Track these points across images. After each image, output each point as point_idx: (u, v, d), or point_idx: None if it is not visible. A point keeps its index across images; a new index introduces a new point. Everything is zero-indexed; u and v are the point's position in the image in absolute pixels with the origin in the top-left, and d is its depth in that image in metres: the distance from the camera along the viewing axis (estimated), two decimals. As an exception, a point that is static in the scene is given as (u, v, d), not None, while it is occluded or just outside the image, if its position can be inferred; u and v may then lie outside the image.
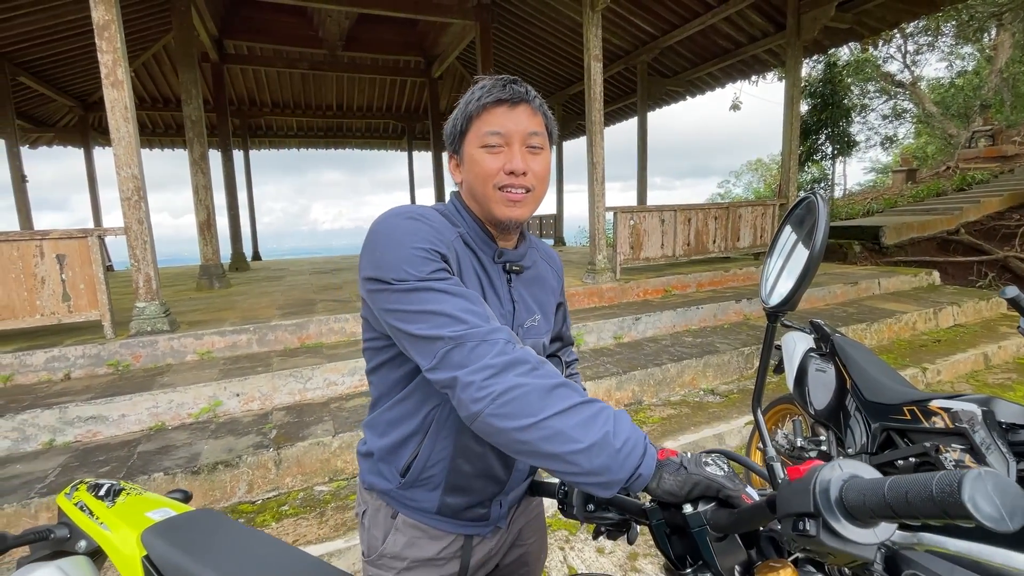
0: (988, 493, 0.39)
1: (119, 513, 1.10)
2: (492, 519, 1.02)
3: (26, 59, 8.49)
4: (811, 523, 0.51)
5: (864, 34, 7.58)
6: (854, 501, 0.48)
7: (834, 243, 10.18)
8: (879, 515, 0.46)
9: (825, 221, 0.65)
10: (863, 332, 5.02)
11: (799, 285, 0.68)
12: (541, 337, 1.04)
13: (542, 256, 1.11)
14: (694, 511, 0.73)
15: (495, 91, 0.88)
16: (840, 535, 0.49)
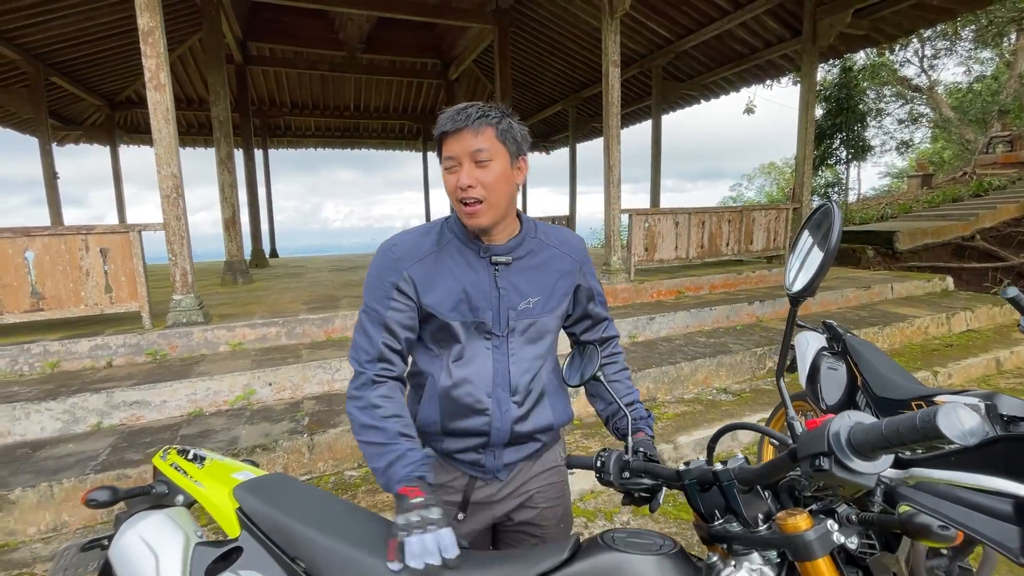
0: (955, 421, 0.53)
1: (209, 473, 1.25)
2: (489, 468, 1.23)
3: (59, 60, 8.79)
4: (825, 460, 0.64)
5: (880, 40, 7.63)
6: (859, 440, 0.61)
7: (847, 248, 10.20)
8: (879, 448, 0.60)
9: (839, 223, 0.80)
10: (875, 335, 5.09)
11: (817, 275, 0.82)
12: (539, 316, 1.20)
13: (552, 243, 1.24)
14: (724, 468, 0.86)
15: (444, 124, 1.08)
16: (848, 467, 0.63)
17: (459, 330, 1.16)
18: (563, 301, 1.24)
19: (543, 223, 1.30)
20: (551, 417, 1.24)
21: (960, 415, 0.54)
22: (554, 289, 1.22)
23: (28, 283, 3.78)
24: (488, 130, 1.06)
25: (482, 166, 1.07)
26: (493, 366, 1.18)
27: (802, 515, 0.77)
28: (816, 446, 0.66)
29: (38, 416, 3.10)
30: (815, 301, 5.91)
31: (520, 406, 1.19)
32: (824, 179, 18.26)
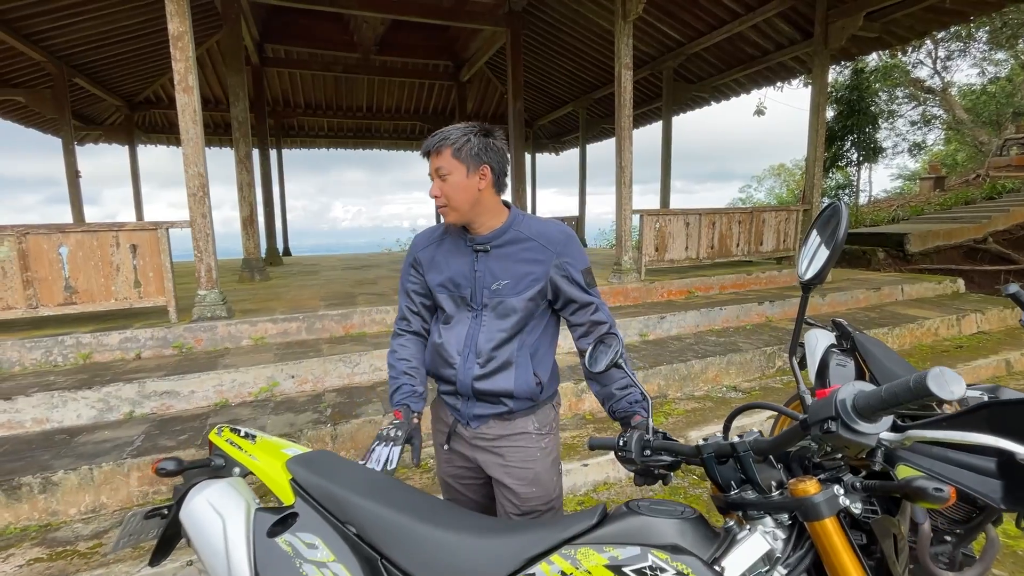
0: (942, 381, 0.62)
1: (261, 448, 1.37)
2: (463, 414, 1.52)
3: (82, 62, 9.01)
4: (833, 423, 0.74)
5: (893, 43, 7.64)
6: (862, 404, 0.71)
7: (857, 250, 10.20)
8: (879, 410, 0.69)
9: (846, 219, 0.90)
10: (884, 336, 5.14)
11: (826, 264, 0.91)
12: (507, 296, 1.44)
13: (532, 235, 1.46)
14: (740, 439, 0.96)
15: (423, 148, 1.43)
16: (853, 429, 0.72)
17: (446, 301, 1.51)
18: (533, 286, 1.44)
19: (532, 218, 1.52)
20: (511, 384, 1.45)
21: (947, 377, 0.63)
22: (523, 275, 1.44)
23: (62, 277, 3.93)
24: (446, 151, 1.37)
25: (444, 178, 1.39)
26: (467, 332, 1.48)
27: (811, 481, 0.87)
28: (825, 411, 0.76)
29: (74, 404, 3.24)
30: (824, 302, 5.96)
31: (481, 367, 1.45)
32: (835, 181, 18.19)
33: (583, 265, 1.49)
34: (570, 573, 0.95)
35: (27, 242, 3.81)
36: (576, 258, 1.48)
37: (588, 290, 1.48)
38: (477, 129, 1.39)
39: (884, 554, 0.88)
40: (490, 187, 1.42)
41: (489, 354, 1.44)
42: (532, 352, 1.49)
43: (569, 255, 1.46)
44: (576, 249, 1.49)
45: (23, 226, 3.81)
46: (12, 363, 3.72)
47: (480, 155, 1.38)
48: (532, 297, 1.44)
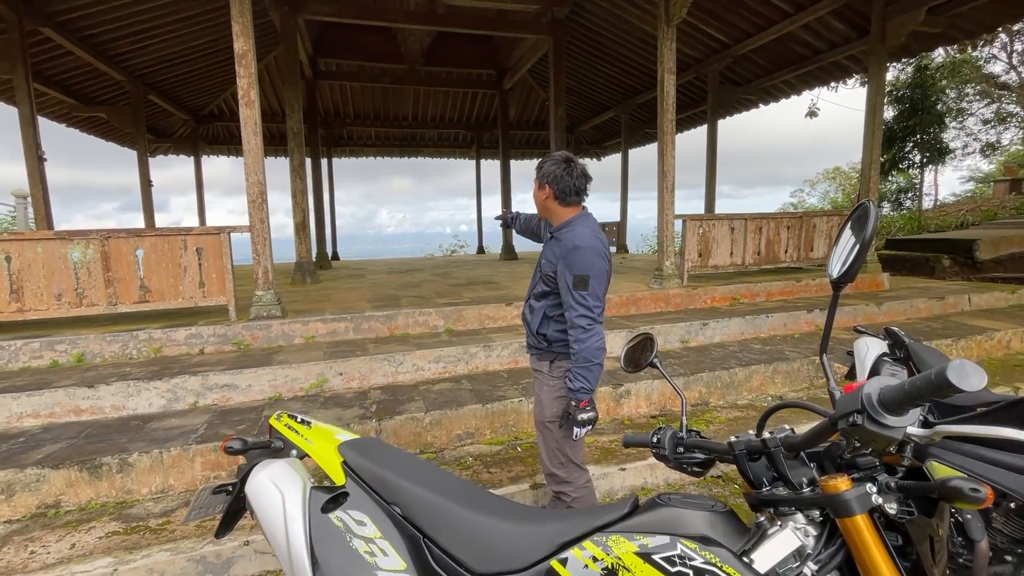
0: (963, 372, 0.63)
1: (317, 434, 1.48)
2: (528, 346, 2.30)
3: (155, 80, 9.78)
4: (859, 416, 0.75)
5: (959, 38, 7.21)
6: (888, 398, 0.72)
7: (920, 256, 9.62)
8: (904, 403, 0.70)
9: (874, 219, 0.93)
10: (948, 348, 4.84)
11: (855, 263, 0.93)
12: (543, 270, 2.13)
13: (561, 237, 2.05)
14: (771, 436, 0.98)
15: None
16: (879, 422, 0.73)
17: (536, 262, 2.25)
18: (550, 270, 2.07)
19: (574, 225, 2.06)
20: (534, 324, 2.16)
21: (967, 368, 0.64)
22: (548, 263, 2.09)
23: (137, 277, 4.29)
24: (537, 172, 2.14)
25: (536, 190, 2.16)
26: (533, 281, 2.26)
27: (843, 478, 0.87)
28: (852, 405, 0.77)
29: (147, 394, 3.53)
30: (880, 311, 5.67)
31: (527, 307, 2.25)
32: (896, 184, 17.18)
33: (577, 271, 1.96)
34: (601, 559, 1.00)
35: (109, 245, 4.19)
36: (572, 263, 1.97)
37: (571, 291, 1.97)
38: (552, 160, 2.07)
39: (920, 556, 0.87)
40: (552, 198, 2.08)
41: (531, 300, 2.22)
42: (546, 314, 2.13)
43: (568, 259, 1.98)
44: (576, 257, 1.96)
45: (106, 231, 4.20)
46: (94, 355, 4.09)
47: (543, 177, 2.08)
48: (548, 275, 2.09)
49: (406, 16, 8.37)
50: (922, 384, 0.68)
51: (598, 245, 2.01)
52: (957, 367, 0.65)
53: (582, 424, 1.95)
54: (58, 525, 2.65)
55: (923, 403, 0.70)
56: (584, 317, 1.96)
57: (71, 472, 2.79)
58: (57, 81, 8.49)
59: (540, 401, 2.19)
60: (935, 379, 0.66)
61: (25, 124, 6.40)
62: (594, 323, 1.98)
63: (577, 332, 1.97)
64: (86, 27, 7.31)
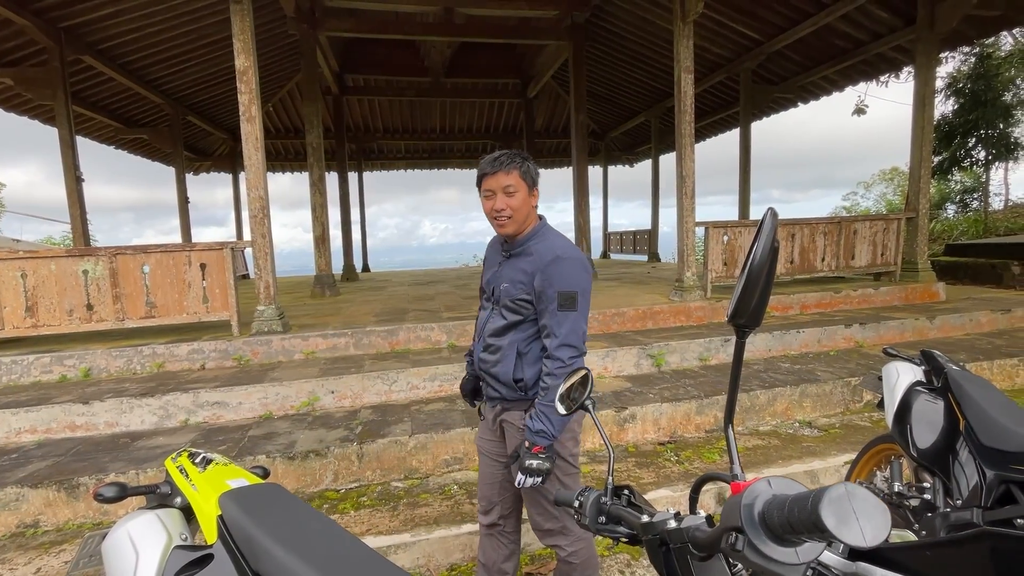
0: (845, 509, 0.37)
1: (207, 478, 1.31)
2: (484, 393, 1.83)
3: (193, 101, 10.23)
4: (739, 538, 0.49)
5: (1023, 21, 6.50)
6: (771, 518, 0.46)
7: (985, 263, 8.72)
8: (784, 532, 0.44)
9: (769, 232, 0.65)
10: (1013, 369, 4.25)
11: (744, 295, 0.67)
12: (505, 298, 1.68)
13: (533, 251, 1.65)
14: (677, 527, 0.72)
15: (485, 166, 1.62)
16: (762, 552, 0.47)
17: (483, 292, 1.83)
18: (519, 294, 1.65)
19: (546, 236, 1.69)
20: (499, 369, 1.69)
21: (857, 504, 0.38)
22: (517, 282, 1.66)
23: (144, 293, 4.36)
24: (515, 172, 1.60)
25: (510, 194, 1.60)
26: (483, 320, 1.79)
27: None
28: (731, 518, 0.51)
29: (139, 411, 3.53)
30: (933, 326, 5.08)
31: (483, 351, 1.74)
32: (960, 184, 15.82)
33: (560, 287, 1.58)
34: None
35: (117, 262, 4.27)
36: (553, 278, 1.58)
37: (555, 311, 1.59)
38: (526, 156, 1.66)
39: None
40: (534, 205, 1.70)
41: (487, 340, 1.73)
42: (520, 351, 1.68)
43: (548, 272, 1.59)
44: (557, 270, 1.59)
45: (114, 247, 4.29)
46: (100, 369, 4.16)
47: (535, 177, 1.66)
48: (518, 300, 1.65)
49: (424, 28, 8.38)
50: (799, 514, 0.42)
51: (582, 257, 1.69)
52: (838, 502, 0.38)
53: (529, 472, 1.55)
54: (32, 547, 2.62)
55: (808, 539, 0.44)
56: (568, 347, 1.58)
57: (49, 492, 2.77)
58: (102, 106, 9.00)
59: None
60: (809, 513, 0.40)
61: (64, 146, 6.76)
62: (578, 356, 1.60)
63: (554, 365, 1.57)
64: (124, 54, 7.70)
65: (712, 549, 0.62)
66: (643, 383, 4.02)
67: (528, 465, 1.56)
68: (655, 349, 4.38)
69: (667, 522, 0.78)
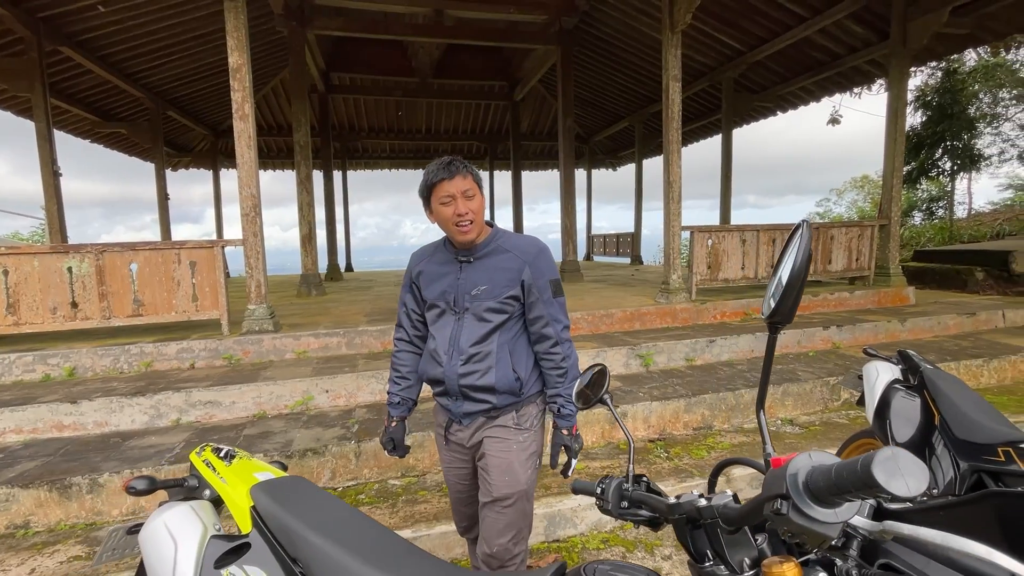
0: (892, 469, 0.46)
1: (234, 471, 1.35)
2: (455, 413, 1.68)
3: (173, 96, 10.03)
4: (783, 504, 0.58)
5: (988, 39, 6.85)
6: (816, 484, 0.54)
7: (950, 269, 9.12)
8: (832, 493, 0.53)
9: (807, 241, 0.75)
10: (979, 369, 4.49)
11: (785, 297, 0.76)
12: (484, 301, 1.61)
13: (509, 248, 1.64)
14: (708, 504, 0.80)
15: (440, 172, 1.55)
16: (806, 514, 0.56)
17: (435, 309, 1.68)
18: (506, 291, 1.61)
19: (512, 234, 1.71)
20: (492, 379, 1.60)
21: (901, 463, 0.46)
22: (498, 281, 1.61)
23: (131, 291, 4.29)
24: (469, 176, 1.57)
25: (469, 198, 1.56)
26: (451, 333, 1.64)
27: (789, 564, 0.69)
28: (776, 487, 0.59)
29: (130, 410, 3.48)
30: (904, 328, 5.33)
31: (464, 364, 1.61)
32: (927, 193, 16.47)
33: (550, 276, 1.67)
34: None
35: (103, 259, 4.20)
36: (543, 268, 1.65)
37: (552, 299, 1.65)
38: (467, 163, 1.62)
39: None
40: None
41: (469, 351, 1.61)
42: (511, 350, 1.65)
43: (537, 264, 1.64)
44: (545, 260, 1.66)
45: (101, 245, 4.21)
46: (86, 369, 4.08)
47: (481, 181, 1.63)
48: (506, 299, 1.62)
49: (414, 29, 8.40)
50: (848, 476, 0.51)
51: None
52: (886, 462, 0.47)
53: (576, 454, 1.66)
54: (24, 547, 2.58)
55: (854, 498, 0.53)
56: (567, 329, 1.69)
57: (41, 492, 2.72)
58: (79, 98, 8.76)
59: (511, 470, 1.63)
60: (860, 473, 0.49)
61: (42, 140, 6.57)
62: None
63: (566, 347, 1.66)
64: (104, 46, 7.52)
65: (748, 520, 0.70)
66: (633, 382, 4.13)
67: (577, 448, 1.67)
68: (643, 350, 4.50)
69: (694, 502, 0.86)
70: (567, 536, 2.76)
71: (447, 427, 1.73)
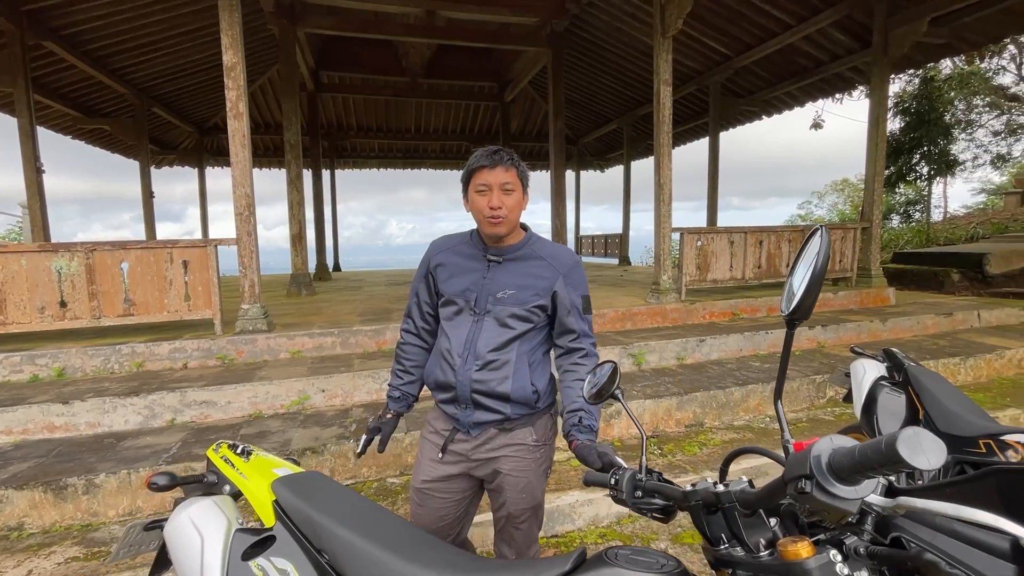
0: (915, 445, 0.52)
1: (253, 467, 1.37)
2: (463, 423, 1.55)
3: (159, 92, 9.87)
4: (807, 483, 0.64)
5: (964, 49, 7.09)
6: (838, 464, 0.61)
7: (928, 271, 9.41)
8: (855, 472, 0.59)
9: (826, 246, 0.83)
10: (956, 367, 4.66)
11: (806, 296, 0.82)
12: (509, 307, 1.52)
13: (543, 255, 1.57)
14: (726, 489, 0.86)
15: (482, 159, 1.47)
16: (829, 492, 0.62)
17: (452, 306, 1.57)
18: (534, 300, 1.53)
19: (546, 240, 1.63)
20: (508, 388, 1.50)
21: (922, 441, 0.53)
22: (529, 288, 1.53)
23: (122, 291, 4.24)
24: (513, 170, 1.48)
25: (507, 193, 1.47)
26: (467, 335, 1.53)
27: (803, 543, 0.75)
28: (799, 469, 0.65)
29: (123, 410, 3.45)
30: (885, 328, 5.50)
31: (478, 369, 1.50)
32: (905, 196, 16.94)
33: (583, 291, 1.59)
34: None
35: (93, 258, 4.14)
36: (578, 283, 1.58)
37: (582, 315, 1.58)
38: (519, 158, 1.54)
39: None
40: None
41: (486, 356, 1.51)
42: (529, 361, 1.56)
43: (572, 277, 1.56)
44: (579, 275, 1.59)
45: (91, 243, 4.16)
46: (75, 369, 4.03)
47: (528, 180, 1.55)
48: (533, 308, 1.53)
49: (406, 29, 8.40)
50: (871, 453, 0.57)
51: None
52: (910, 439, 0.53)
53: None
54: (19, 549, 2.55)
55: (877, 475, 0.59)
56: (595, 345, 1.61)
57: (35, 493, 2.69)
58: (61, 94, 8.58)
59: (529, 487, 1.56)
60: (885, 450, 0.55)
61: (24, 136, 6.44)
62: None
63: (593, 362, 1.55)
64: (88, 41, 7.39)
65: (767, 502, 0.76)
66: (625, 381, 4.21)
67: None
68: (635, 349, 4.58)
69: (709, 488, 0.91)
70: (565, 531, 2.81)
71: (448, 437, 1.57)
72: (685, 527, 2.84)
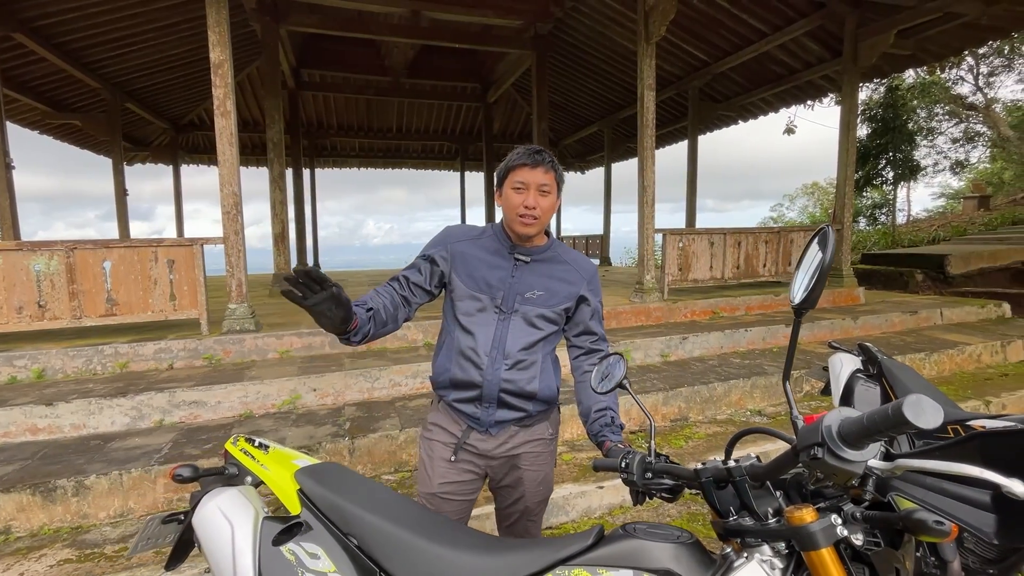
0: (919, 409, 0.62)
1: (273, 459, 1.41)
2: (483, 422, 1.54)
3: (133, 88, 9.61)
4: (820, 450, 0.73)
5: (927, 60, 7.47)
6: (847, 431, 0.70)
7: (894, 271, 9.84)
8: (863, 437, 0.68)
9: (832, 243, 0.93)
10: (921, 362, 4.92)
11: (815, 288, 0.92)
12: (538, 307, 1.52)
13: (568, 260, 1.60)
14: (736, 464, 0.95)
15: (524, 157, 1.47)
16: (838, 456, 0.71)
17: (470, 302, 1.53)
18: (563, 303, 1.56)
19: (567, 246, 1.68)
20: (536, 386, 1.53)
21: (923, 405, 0.62)
22: (556, 291, 1.55)
23: (104, 290, 4.15)
24: (552, 173, 1.49)
25: (544, 194, 1.48)
26: (495, 334, 1.51)
27: (808, 509, 0.85)
28: (812, 438, 0.75)
29: (109, 411, 3.39)
30: (856, 325, 5.75)
31: (508, 369, 1.50)
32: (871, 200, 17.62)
33: (600, 296, 1.68)
34: None
35: (74, 256, 4.05)
36: (597, 288, 1.66)
37: (600, 319, 1.66)
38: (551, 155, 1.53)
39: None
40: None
41: (517, 356, 1.51)
42: (552, 361, 1.60)
43: (595, 283, 1.64)
44: (598, 281, 1.68)
45: (72, 241, 4.06)
46: (56, 370, 3.93)
47: (563, 185, 1.57)
48: (560, 311, 1.56)
49: (390, 29, 8.38)
50: (879, 419, 0.67)
51: None
52: (913, 404, 0.63)
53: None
54: (7, 553, 2.50)
55: (882, 438, 0.68)
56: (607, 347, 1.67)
57: (23, 496, 2.64)
58: (30, 87, 8.29)
59: (546, 479, 1.64)
60: (892, 415, 0.64)
61: (-7, 131, 6.21)
62: None
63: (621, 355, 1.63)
64: (60, 33, 7.17)
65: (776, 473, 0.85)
66: (613, 378, 4.32)
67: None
68: (621, 347, 4.69)
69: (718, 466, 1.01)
70: (559, 523, 2.90)
71: (463, 438, 1.55)
72: (673, 515, 2.96)
